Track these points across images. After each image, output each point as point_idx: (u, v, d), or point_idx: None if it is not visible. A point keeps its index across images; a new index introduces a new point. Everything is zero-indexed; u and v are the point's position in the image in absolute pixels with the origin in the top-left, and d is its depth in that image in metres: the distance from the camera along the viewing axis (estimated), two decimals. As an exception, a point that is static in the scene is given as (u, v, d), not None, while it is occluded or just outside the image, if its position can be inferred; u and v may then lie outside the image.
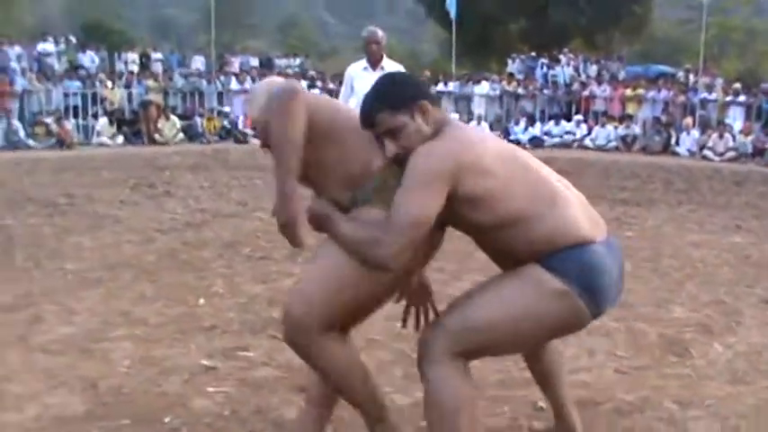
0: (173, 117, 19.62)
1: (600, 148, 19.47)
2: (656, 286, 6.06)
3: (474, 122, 19.88)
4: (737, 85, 20.79)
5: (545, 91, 22.15)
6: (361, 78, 6.87)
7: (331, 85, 21.39)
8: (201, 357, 4.24)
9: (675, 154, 18.87)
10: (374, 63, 6.95)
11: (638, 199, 11.06)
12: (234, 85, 21.96)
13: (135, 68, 23.00)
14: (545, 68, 24.25)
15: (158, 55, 25.31)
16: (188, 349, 4.39)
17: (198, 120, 20.11)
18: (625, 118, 20.38)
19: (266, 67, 25.47)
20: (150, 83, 20.78)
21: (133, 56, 24.48)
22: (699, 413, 3.67)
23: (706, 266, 6.82)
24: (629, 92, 21.41)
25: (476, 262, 5.90)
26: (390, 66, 6.93)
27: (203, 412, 3.56)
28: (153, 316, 5.00)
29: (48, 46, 22.74)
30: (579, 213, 2.70)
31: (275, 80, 3.05)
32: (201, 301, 5.34)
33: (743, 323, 5.14)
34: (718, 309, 5.46)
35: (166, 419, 3.47)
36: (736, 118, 19.72)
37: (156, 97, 20.08)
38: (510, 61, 26.49)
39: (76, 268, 6.25)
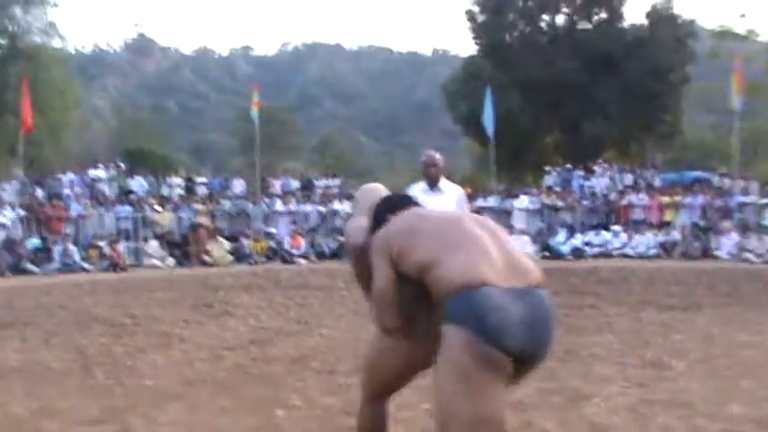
0: (221, 239, 20.16)
1: (641, 256, 19.72)
2: (712, 385, 6.27)
3: (514, 236, 20.25)
4: (774, 186, 21.18)
5: (584, 202, 22.54)
6: (421, 199, 7.16)
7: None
8: (292, 463, 4.52)
9: (716, 258, 19.08)
10: (432, 184, 7.15)
11: (685, 303, 11.27)
12: (279, 206, 22.54)
13: (180, 192, 23.80)
14: (581, 180, 24.74)
15: (202, 179, 26.19)
16: (278, 456, 4.67)
17: (245, 241, 20.62)
18: (663, 225, 20.70)
19: (307, 188, 26.11)
20: (199, 206, 21.47)
21: (178, 180, 25.34)
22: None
23: (758, 365, 7.03)
24: (666, 199, 21.80)
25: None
26: (447, 186, 7.17)
27: None
28: (237, 428, 5.29)
29: (99, 172, 23.71)
30: (481, 260, 3.22)
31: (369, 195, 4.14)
32: (280, 413, 5.63)
33: (802, 417, 5.36)
34: (775, 405, 5.67)
35: None
36: (774, 219, 20.00)
37: (204, 220, 20.70)
38: (546, 174, 26.98)
39: (155, 384, 6.58)
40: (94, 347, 8.34)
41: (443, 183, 7.19)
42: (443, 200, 6.80)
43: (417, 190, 7.15)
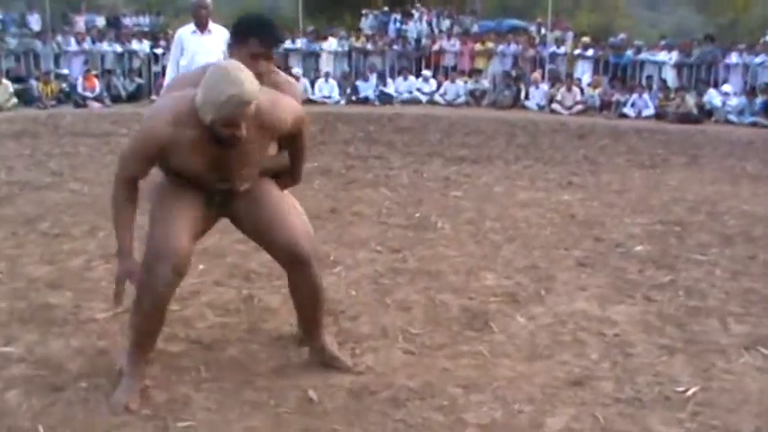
0: (4, 81, 18.37)
1: (450, 104, 19.35)
2: (471, 251, 5.79)
3: (321, 80, 19.56)
4: (586, 39, 21.01)
5: (394, 47, 21.78)
6: (190, 41, 7.54)
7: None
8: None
9: (525, 108, 18.90)
10: (202, 27, 7.55)
11: (476, 156, 10.87)
12: (73, 45, 20.77)
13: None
14: (398, 24, 23.93)
15: (-9, 12, 23.84)
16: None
17: (33, 83, 18.94)
18: (474, 72, 20.29)
19: (113, 26, 24.15)
20: (-23, 45, 19.47)
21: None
22: (482, 398, 3.38)
23: (529, 228, 6.61)
24: (478, 46, 21.26)
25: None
26: (216, 29, 7.57)
27: None
28: None
29: None
30: None
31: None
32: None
33: (553, 290, 4.91)
34: (530, 274, 5.21)
35: None
36: (584, 71, 19.89)
37: (-18, 61, 18.80)
38: (363, 17, 26.01)
39: None
40: None
41: (212, 25, 7.60)
42: (212, 40, 7.38)
43: (187, 32, 7.63)
